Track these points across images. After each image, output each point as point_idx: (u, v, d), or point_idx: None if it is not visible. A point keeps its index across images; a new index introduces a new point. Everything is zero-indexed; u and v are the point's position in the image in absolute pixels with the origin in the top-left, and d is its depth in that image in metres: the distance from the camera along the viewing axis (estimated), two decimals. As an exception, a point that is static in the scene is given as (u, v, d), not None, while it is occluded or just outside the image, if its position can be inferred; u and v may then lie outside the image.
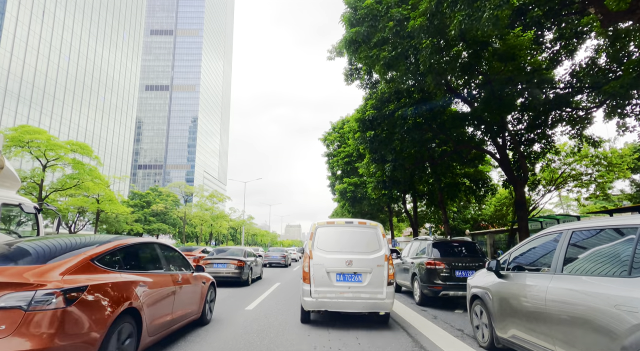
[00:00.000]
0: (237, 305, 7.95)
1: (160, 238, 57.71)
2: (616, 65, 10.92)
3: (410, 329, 5.84)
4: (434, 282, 7.94)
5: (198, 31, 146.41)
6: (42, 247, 3.35)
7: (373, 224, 6.22)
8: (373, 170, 17.08)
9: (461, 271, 7.96)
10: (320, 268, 5.81)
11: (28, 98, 68.83)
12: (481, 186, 20.71)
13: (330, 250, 5.96)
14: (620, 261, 2.79)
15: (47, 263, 2.99)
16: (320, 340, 4.98)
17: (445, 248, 8.57)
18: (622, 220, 3.03)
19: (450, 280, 7.87)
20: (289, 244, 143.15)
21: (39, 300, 2.60)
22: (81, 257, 3.21)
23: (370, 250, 5.93)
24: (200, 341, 4.85)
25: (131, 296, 3.45)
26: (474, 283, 5.05)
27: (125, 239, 4.04)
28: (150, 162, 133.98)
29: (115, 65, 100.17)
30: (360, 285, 5.72)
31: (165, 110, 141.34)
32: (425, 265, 8.15)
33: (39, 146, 21.76)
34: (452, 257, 8.28)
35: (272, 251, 25.19)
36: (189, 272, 5.30)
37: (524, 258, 4.22)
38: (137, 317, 3.57)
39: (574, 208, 39.60)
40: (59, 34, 77.04)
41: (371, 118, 14.47)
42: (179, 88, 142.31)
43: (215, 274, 11.27)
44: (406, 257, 9.98)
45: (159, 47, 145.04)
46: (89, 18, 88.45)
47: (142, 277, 3.83)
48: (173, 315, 4.45)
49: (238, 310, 7.32)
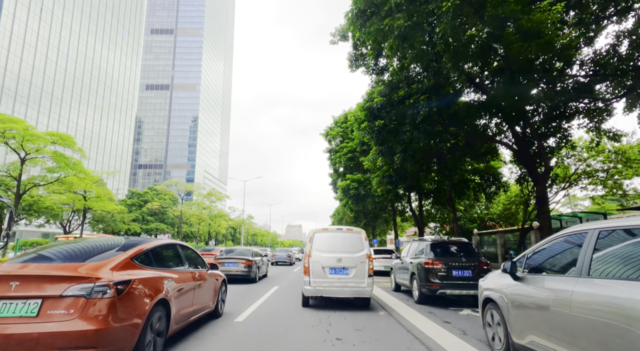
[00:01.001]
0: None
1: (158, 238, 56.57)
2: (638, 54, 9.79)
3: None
4: (431, 281, 8.27)
5: (198, 30, 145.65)
6: (92, 247, 4.00)
7: (358, 230, 7.90)
8: (380, 164, 15.91)
9: (458, 271, 8.28)
10: (317, 264, 7.42)
11: (25, 96, 67.79)
12: (492, 182, 19.57)
13: (325, 250, 7.54)
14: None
15: (98, 261, 3.63)
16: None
17: (442, 248, 8.86)
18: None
19: (447, 279, 8.20)
20: (290, 244, 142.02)
21: (97, 291, 3.23)
22: (124, 256, 3.86)
23: (355, 250, 7.53)
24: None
25: (162, 289, 4.06)
26: (486, 286, 4.81)
27: (154, 241, 4.69)
28: (150, 162, 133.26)
29: (115, 63, 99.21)
30: (347, 277, 7.35)
31: (165, 109, 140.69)
32: (423, 265, 8.48)
33: (14, 136, 20.12)
34: (449, 257, 8.59)
35: (278, 251, 28.54)
36: (204, 270, 5.90)
37: (543, 260, 3.94)
38: (167, 307, 4.19)
39: (582, 208, 38.41)
40: (57, 31, 76.11)
41: (379, 106, 13.31)
42: (180, 87, 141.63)
43: (227, 272, 12.26)
44: (405, 257, 10.27)
45: (159, 46, 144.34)
46: (88, 15, 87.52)
47: (169, 273, 4.47)
48: (193, 306, 5.10)
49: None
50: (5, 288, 3.16)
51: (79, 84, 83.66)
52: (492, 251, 26.20)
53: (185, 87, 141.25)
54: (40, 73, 71.20)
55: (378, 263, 18.15)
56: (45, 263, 3.55)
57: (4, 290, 3.16)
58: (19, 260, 3.70)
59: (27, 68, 67.28)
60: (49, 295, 3.16)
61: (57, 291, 3.17)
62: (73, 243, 4.19)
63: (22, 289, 3.17)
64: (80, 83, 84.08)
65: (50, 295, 3.16)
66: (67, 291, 3.18)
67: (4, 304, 3.12)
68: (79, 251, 3.89)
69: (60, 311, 3.12)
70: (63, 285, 3.21)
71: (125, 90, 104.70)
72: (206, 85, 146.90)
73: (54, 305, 3.14)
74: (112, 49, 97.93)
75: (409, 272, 9.51)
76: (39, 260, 3.67)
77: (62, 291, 3.18)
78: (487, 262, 8.48)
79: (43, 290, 3.17)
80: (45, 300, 3.15)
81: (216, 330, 5.54)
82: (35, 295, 3.15)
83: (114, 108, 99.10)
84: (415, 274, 8.81)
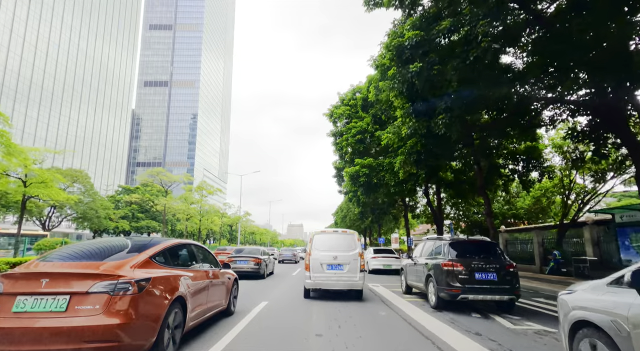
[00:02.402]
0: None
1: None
2: None
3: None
4: (452, 285, 7.48)
5: (198, 26, 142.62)
6: (113, 246, 4.24)
7: (351, 232, 9.08)
8: (407, 132, 11.81)
9: (481, 274, 7.50)
10: (317, 261, 8.63)
11: (13, 89, 64.29)
12: (533, 167, 15.73)
13: (323, 249, 8.76)
14: None
15: (120, 260, 3.87)
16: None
17: (463, 248, 8.10)
18: None
19: (469, 283, 7.43)
20: (291, 243, 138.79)
21: (120, 288, 3.45)
22: (144, 255, 4.09)
23: (349, 249, 8.72)
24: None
25: (179, 287, 4.27)
26: (579, 303, 3.37)
27: (171, 240, 4.90)
28: (149, 160, 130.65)
29: (110, 57, 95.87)
30: (342, 272, 8.57)
31: (164, 106, 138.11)
32: (442, 266, 7.74)
33: None
34: (471, 257, 7.79)
35: (284, 250, 30.52)
36: (218, 269, 6.13)
37: None
38: (184, 305, 4.38)
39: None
40: (47, 20, 72.61)
41: (413, 44, 9.20)
42: (179, 84, 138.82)
43: (239, 269, 13.44)
44: (418, 257, 9.56)
45: (158, 42, 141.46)
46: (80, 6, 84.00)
47: (186, 272, 4.70)
48: (207, 304, 5.31)
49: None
50: (36, 285, 3.38)
51: (70, 75, 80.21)
52: (520, 251, 22.45)
53: (185, 83, 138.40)
54: (28, 64, 67.78)
55: (376, 262, 17.72)
56: (70, 262, 3.79)
57: (35, 286, 3.38)
58: (45, 258, 3.90)
59: (14, 58, 63.73)
60: (77, 292, 3.36)
61: (84, 288, 3.38)
62: (95, 243, 4.39)
63: (51, 286, 3.38)
64: (72, 75, 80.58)
65: (78, 292, 3.36)
66: (93, 287, 3.38)
67: (36, 300, 3.33)
68: (100, 250, 4.12)
69: (86, 306, 3.31)
70: (89, 282, 3.42)
71: (122, 83, 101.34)
72: (205, 81, 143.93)
73: (81, 300, 3.33)
74: (107, 41, 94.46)
75: (423, 274, 8.80)
76: (64, 258, 3.88)
77: (88, 288, 3.38)
78: (513, 264, 7.69)
79: (71, 287, 3.38)
80: (72, 296, 3.35)
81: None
82: (64, 291, 3.36)
83: (109, 101, 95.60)
84: (432, 276, 8.10)
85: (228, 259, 13.75)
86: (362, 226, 47.06)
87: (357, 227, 48.75)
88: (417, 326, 6.15)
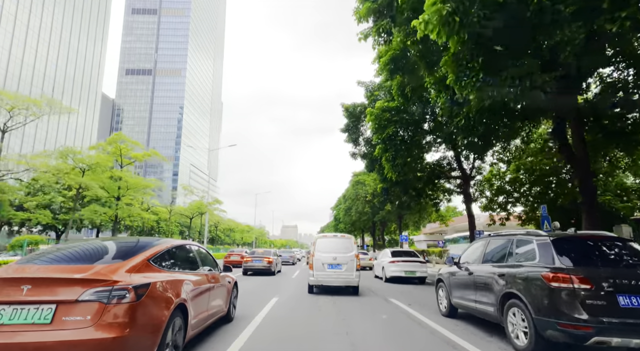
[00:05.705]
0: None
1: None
2: None
3: None
4: (573, 316, 3.99)
5: (185, 10, 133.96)
6: (106, 248, 3.77)
7: (349, 236, 10.64)
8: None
9: (630, 297, 3.99)
10: (319, 261, 9.94)
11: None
12: None
13: (325, 251, 10.06)
14: None
15: (114, 263, 3.36)
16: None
17: (576, 250, 4.64)
18: None
19: (610, 314, 3.91)
20: (283, 244, 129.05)
21: (115, 295, 2.95)
22: (141, 257, 3.59)
23: (347, 251, 10.06)
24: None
25: (181, 293, 3.82)
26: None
27: (170, 241, 4.44)
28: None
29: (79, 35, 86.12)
30: (341, 271, 9.86)
31: (147, 96, 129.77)
32: (545, 281, 4.31)
33: None
34: (602, 267, 4.36)
35: (283, 252, 30.10)
36: (217, 272, 5.67)
37: None
38: (185, 312, 3.92)
39: None
40: None
41: None
42: (163, 72, 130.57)
43: (254, 267, 16.96)
44: (473, 264, 6.18)
45: (141, 28, 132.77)
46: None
47: (186, 276, 4.25)
48: (208, 311, 4.87)
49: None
50: (16, 293, 2.89)
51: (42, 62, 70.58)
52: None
53: (170, 72, 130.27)
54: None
55: (396, 268, 13.91)
56: (56, 265, 3.30)
57: (15, 294, 2.88)
58: (27, 261, 3.44)
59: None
60: (64, 300, 2.88)
61: (73, 296, 2.89)
62: (86, 244, 3.97)
63: (34, 293, 2.88)
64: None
65: (65, 300, 2.88)
66: (84, 295, 2.90)
67: (15, 310, 2.84)
68: (92, 251, 3.68)
69: (76, 317, 2.84)
70: (79, 288, 2.93)
71: (89, 66, 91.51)
72: (193, 70, 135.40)
73: (69, 310, 2.85)
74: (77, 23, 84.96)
75: (493, 292, 5.31)
76: (49, 261, 3.42)
77: (78, 296, 2.89)
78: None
79: (57, 295, 2.90)
80: (59, 305, 2.86)
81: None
82: (49, 299, 2.87)
83: (73, 82, 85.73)
84: (522, 299, 4.58)
85: (246, 258, 17.54)
86: (371, 221, 37.85)
87: (364, 223, 39.70)
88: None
